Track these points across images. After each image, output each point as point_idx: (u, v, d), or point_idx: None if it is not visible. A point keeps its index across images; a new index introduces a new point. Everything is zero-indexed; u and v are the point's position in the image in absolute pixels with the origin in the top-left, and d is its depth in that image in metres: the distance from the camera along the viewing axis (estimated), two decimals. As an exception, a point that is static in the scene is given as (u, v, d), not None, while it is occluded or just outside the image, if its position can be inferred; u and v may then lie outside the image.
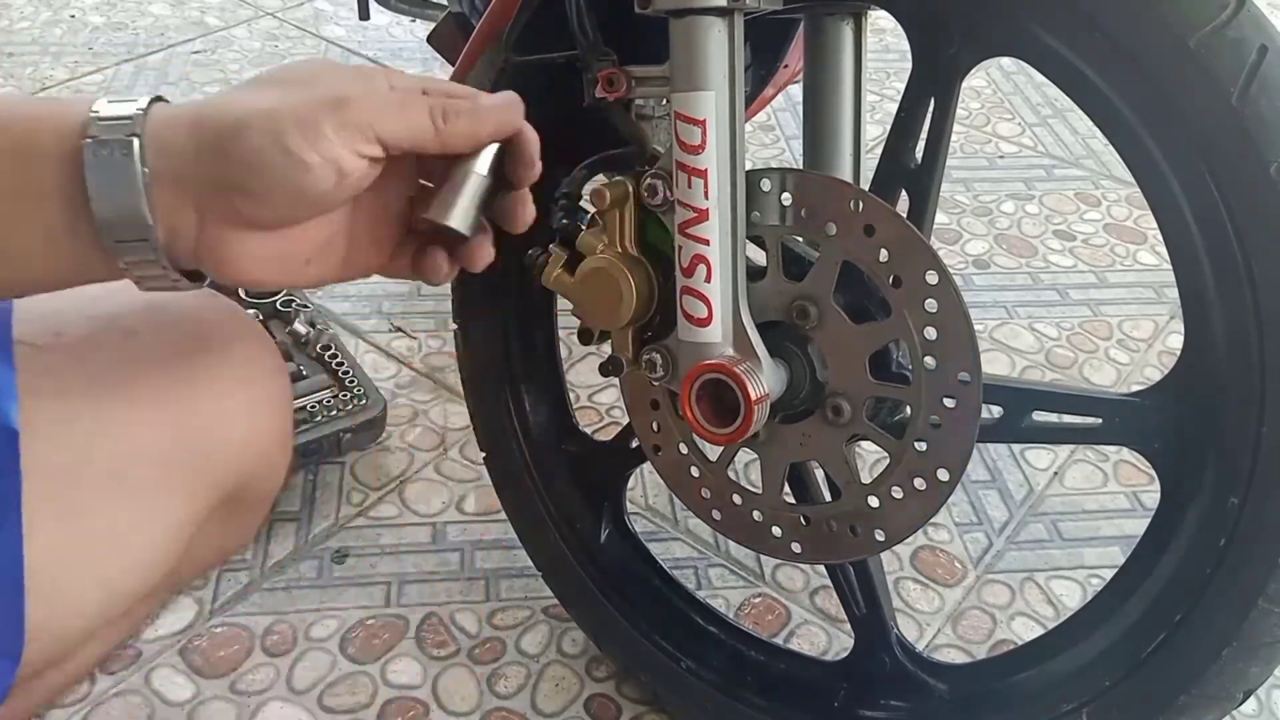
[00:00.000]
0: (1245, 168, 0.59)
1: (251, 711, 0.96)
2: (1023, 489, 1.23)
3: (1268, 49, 0.58)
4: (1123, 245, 1.66)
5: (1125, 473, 1.26)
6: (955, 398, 0.68)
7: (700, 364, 0.70)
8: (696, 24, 0.65)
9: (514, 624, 1.05)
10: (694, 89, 0.66)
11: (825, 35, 0.78)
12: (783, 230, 0.71)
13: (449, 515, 1.17)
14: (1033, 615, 1.09)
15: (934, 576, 1.13)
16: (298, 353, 1.33)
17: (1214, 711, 0.70)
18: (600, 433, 1.25)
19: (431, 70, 2.06)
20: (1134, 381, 1.39)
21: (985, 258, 1.62)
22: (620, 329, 0.74)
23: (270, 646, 1.01)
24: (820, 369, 0.73)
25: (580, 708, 0.98)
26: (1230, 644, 0.66)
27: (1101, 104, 0.64)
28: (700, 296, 0.69)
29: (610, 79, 0.72)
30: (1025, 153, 1.88)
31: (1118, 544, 1.17)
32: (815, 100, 0.80)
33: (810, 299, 0.71)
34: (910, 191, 0.72)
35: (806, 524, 0.77)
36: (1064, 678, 0.75)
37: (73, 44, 2.12)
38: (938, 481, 0.71)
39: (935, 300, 0.67)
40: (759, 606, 1.09)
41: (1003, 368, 1.40)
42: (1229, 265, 0.62)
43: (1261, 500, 0.64)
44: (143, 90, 1.95)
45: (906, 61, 0.69)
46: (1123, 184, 1.79)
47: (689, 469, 0.81)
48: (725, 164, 0.67)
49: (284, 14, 2.27)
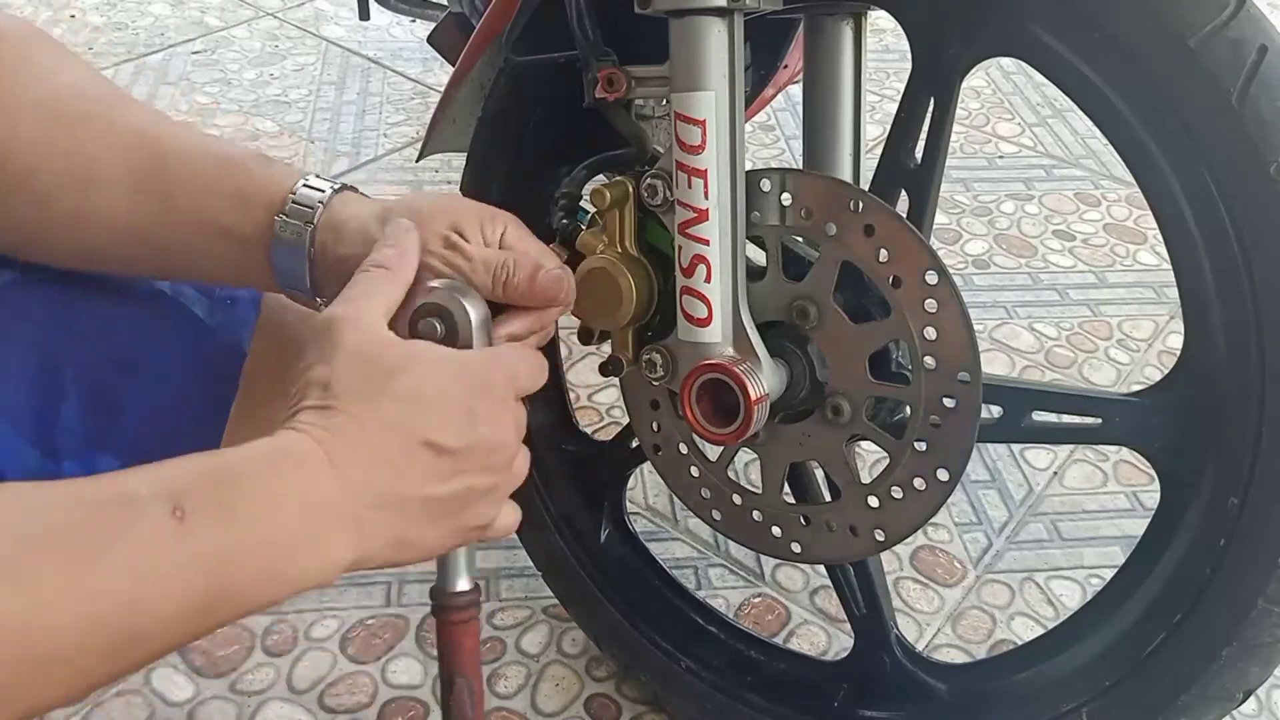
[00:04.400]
0: (1245, 168, 0.59)
1: (251, 711, 0.96)
2: (1022, 489, 1.23)
3: (1268, 49, 0.58)
4: (1123, 245, 1.66)
5: (1125, 473, 1.26)
6: (955, 398, 0.68)
7: (700, 364, 0.70)
8: (696, 24, 0.65)
9: (514, 624, 1.05)
10: (694, 89, 0.66)
11: (825, 35, 0.78)
12: (783, 230, 0.71)
13: (449, 515, 1.16)
14: (1032, 615, 1.09)
15: (934, 576, 1.13)
16: (298, 353, 1.33)
17: (1214, 711, 0.70)
18: (600, 433, 1.25)
19: (431, 70, 2.06)
20: (1134, 381, 1.39)
21: (985, 258, 1.62)
22: (620, 329, 0.74)
23: (270, 646, 1.01)
24: (820, 369, 0.73)
25: (580, 708, 0.98)
26: (1230, 644, 0.66)
27: (1101, 104, 0.64)
28: (700, 296, 0.69)
29: (610, 79, 0.71)
30: (1025, 153, 1.88)
31: (1118, 544, 1.17)
32: (815, 100, 0.80)
33: (810, 299, 0.71)
34: (910, 191, 0.72)
35: (806, 524, 0.77)
36: (1064, 678, 0.75)
37: (73, 44, 2.11)
38: (938, 481, 0.71)
39: (935, 300, 0.67)
40: (759, 606, 1.09)
41: (1003, 368, 1.40)
42: (1229, 265, 0.62)
43: (1261, 500, 0.64)
44: (143, 90, 1.95)
45: (906, 61, 0.69)
46: (1123, 184, 1.79)
47: (689, 469, 0.81)
48: (725, 164, 0.67)
49: (284, 14, 2.27)
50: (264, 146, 1.81)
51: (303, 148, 1.81)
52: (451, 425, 0.56)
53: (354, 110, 1.93)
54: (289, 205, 0.65)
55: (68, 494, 0.47)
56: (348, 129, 1.87)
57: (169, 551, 0.47)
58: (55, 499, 0.47)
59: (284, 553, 0.51)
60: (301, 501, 0.51)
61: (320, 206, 0.65)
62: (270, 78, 2.03)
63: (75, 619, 0.44)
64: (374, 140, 1.85)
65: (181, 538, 0.47)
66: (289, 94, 1.98)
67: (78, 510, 0.46)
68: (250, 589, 0.50)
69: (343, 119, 1.90)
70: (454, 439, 0.56)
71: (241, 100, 1.95)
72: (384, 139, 1.85)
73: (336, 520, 0.52)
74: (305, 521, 0.51)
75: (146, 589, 0.46)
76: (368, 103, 1.96)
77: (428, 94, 2.00)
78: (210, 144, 0.67)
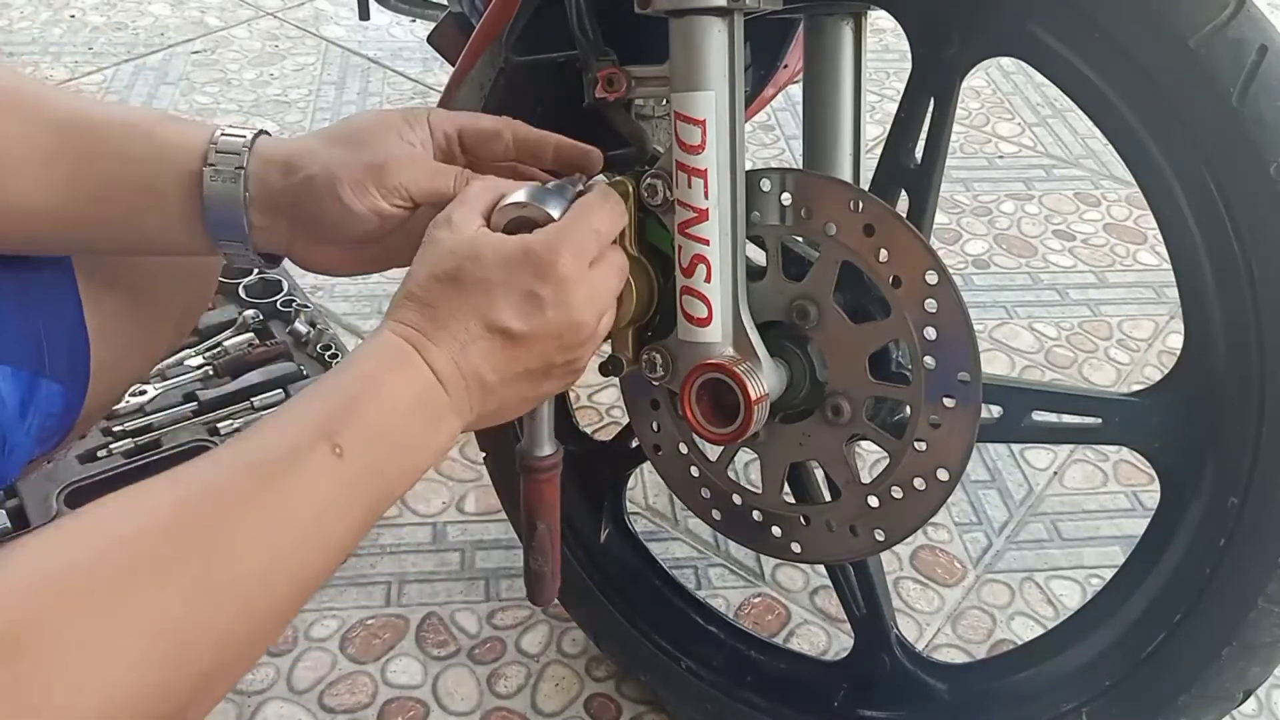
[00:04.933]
0: (1245, 168, 0.59)
1: (251, 711, 0.96)
2: (1022, 489, 1.24)
3: (1268, 49, 0.58)
4: (1123, 245, 1.66)
5: (1125, 473, 1.26)
6: (955, 397, 0.68)
7: (700, 364, 0.70)
8: (696, 24, 0.65)
9: (514, 624, 1.05)
10: (694, 89, 0.66)
11: (825, 35, 0.78)
12: (783, 230, 0.71)
13: (449, 515, 1.17)
14: (1032, 615, 1.09)
15: (934, 576, 1.13)
16: (298, 352, 1.33)
17: (1214, 711, 0.70)
18: (600, 433, 1.25)
19: (431, 70, 2.06)
20: (1134, 381, 1.39)
21: (985, 258, 1.62)
22: (620, 329, 0.74)
23: (270, 646, 1.01)
24: (820, 369, 0.73)
25: (580, 707, 0.98)
26: (1230, 644, 0.66)
27: (1101, 104, 0.64)
28: (700, 296, 0.69)
29: (610, 79, 0.71)
30: (1025, 153, 1.88)
31: (1117, 544, 1.17)
32: (815, 100, 0.80)
33: (810, 299, 0.71)
34: (910, 191, 0.72)
35: (806, 524, 0.77)
36: (1064, 678, 0.75)
37: (73, 44, 2.12)
38: (938, 481, 0.71)
39: (935, 300, 0.67)
40: (759, 606, 1.09)
41: (1003, 367, 1.40)
42: (1229, 265, 0.62)
43: (1261, 500, 0.64)
44: (143, 90, 1.95)
45: (906, 61, 0.69)
46: (1123, 184, 1.79)
47: (689, 469, 0.81)
48: (725, 164, 0.67)
49: (284, 14, 2.27)
50: (264, 146, 1.81)
51: (303, 148, 1.81)
52: (517, 311, 0.60)
53: (354, 110, 1.93)
54: (213, 154, 0.66)
55: (244, 459, 0.53)
56: (348, 129, 1.87)
57: (338, 487, 0.54)
58: (236, 468, 0.52)
59: (414, 445, 0.58)
60: (413, 399, 0.58)
61: (246, 151, 0.67)
62: (270, 78, 2.03)
63: (290, 569, 0.51)
64: (374, 140, 1.84)
65: (343, 470, 0.54)
66: (289, 94, 1.98)
67: (257, 474, 0.52)
68: (396, 488, 0.58)
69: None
70: (520, 324, 0.60)
71: (241, 100, 1.95)
72: (384, 139, 1.85)
73: (442, 403, 0.59)
74: (420, 414, 0.58)
75: (327, 525, 0.53)
76: (368, 103, 1.96)
77: (428, 94, 2.00)
78: (115, 111, 0.69)
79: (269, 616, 0.51)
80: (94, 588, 0.45)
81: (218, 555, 0.49)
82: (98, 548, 0.46)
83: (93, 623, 0.44)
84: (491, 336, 0.60)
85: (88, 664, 0.43)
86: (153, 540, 0.48)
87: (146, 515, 0.49)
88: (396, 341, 0.59)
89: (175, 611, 0.46)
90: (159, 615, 0.46)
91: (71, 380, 0.73)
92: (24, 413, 0.68)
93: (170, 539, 0.48)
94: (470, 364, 0.60)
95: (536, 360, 0.62)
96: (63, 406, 0.72)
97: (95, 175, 0.66)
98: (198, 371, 1.28)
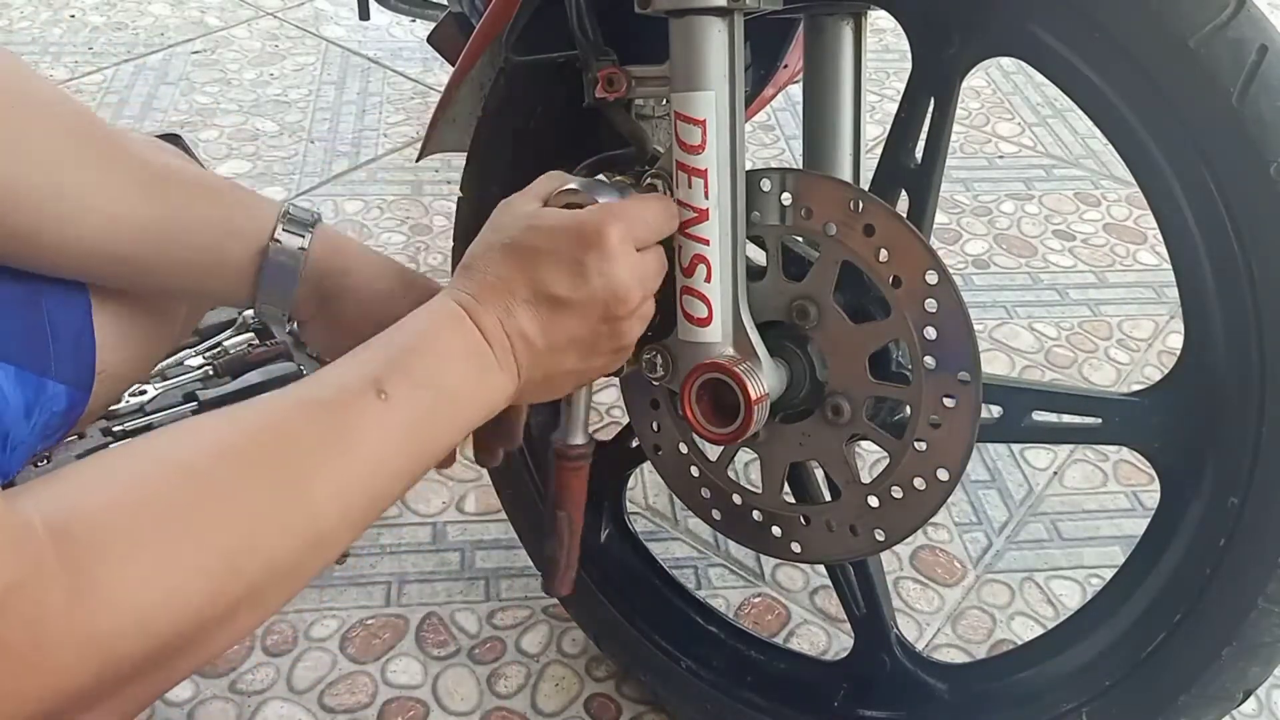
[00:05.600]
0: (1245, 168, 0.59)
1: (251, 711, 0.96)
2: (1022, 489, 1.24)
3: (1268, 49, 0.58)
4: (1123, 245, 1.66)
5: (1125, 473, 1.26)
6: (955, 397, 0.68)
7: (700, 364, 0.70)
8: (696, 24, 0.65)
9: (514, 624, 1.05)
10: (694, 89, 0.66)
11: (825, 35, 0.78)
12: (783, 230, 0.71)
13: (449, 515, 1.17)
14: (1032, 615, 1.09)
15: (934, 576, 1.13)
16: (298, 352, 1.33)
17: (1214, 711, 0.70)
18: (600, 433, 1.25)
19: (431, 70, 2.06)
20: (1134, 381, 1.39)
21: (985, 258, 1.62)
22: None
23: (270, 646, 1.01)
24: (820, 369, 0.73)
25: (580, 707, 0.98)
26: (1230, 644, 0.66)
27: (1101, 104, 0.64)
28: (700, 296, 0.69)
29: (610, 79, 0.71)
30: (1025, 153, 1.88)
31: (1117, 544, 1.17)
32: (815, 100, 0.80)
33: (810, 299, 0.71)
34: (910, 191, 0.72)
35: (806, 524, 0.77)
36: (1064, 678, 0.75)
37: (73, 44, 2.12)
38: (938, 481, 0.71)
39: (935, 300, 0.67)
40: (759, 606, 1.09)
41: (1003, 367, 1.40)
42: (1229, 265, 0.62)
43: (1261, 500, 0.64)
44: (143, 90, 1.95)
45: (906, 61, 0.69)
46: (1123, 184, 1.79)
47: (689, 469, 0.81)
48: (725, 164, 0.67)
49: (284, 14, 2.27)
50: (264, 146, 1.81)
51: (302, 148, 1.81)
52: (563, 278, 0.63)
53: (354, 110, 1.94)
54: (273, 248, 0.72)
55: (294, 398, 0.56)
56: (347, 129, 1.88)
57: (384, 430, 0.57)
58: (287, 405, 0.56)
59: (459, 397, 0.61)
60: (460, 351, 0.61)
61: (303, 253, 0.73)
62: (270, 77, 2.03)
63: (338, 503, 0.54)
64: (374, 140, 1.85)
65: (389, 413, 0.57)
66: (289, 94, 1.98)
67: (307, 411, 0.56)
68: (443, 437, 0.61)
69: (342, 119, 1.91)
70: (567, 290, 0.63)
71: (241, 100, 1.95)
72: (384, 139, 1.85)
73: (488, 359, 0.62)
74: (465, 366, 0.61)
75: (375, 465, 0.56)
76: (368, 102, 1.96)
77: (428, 94, 2.00)
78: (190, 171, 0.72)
79: (317, 545, 0.54)
80: (151, 497, 0.48)
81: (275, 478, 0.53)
82: (159, 461, 0.50)
83: (151, 527, 0.47)
84: (539, 301, 0.63)
85: (143, 562, 0.46)
86: (208, 460, 0.51)
87: (206, 438, 0.53)
88: (449, 304, 0.63)
89: (228, 525, 0.50)
90: (212, 527, 0.49)
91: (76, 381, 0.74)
92: (29, 413, 0.69)
93: (225, 459, 0.52)
94: (516, 325, 0.63)
95: (583, 328, 0.64)
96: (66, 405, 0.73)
97: (171, 232, 0.70)
98: (198, 371, 1.28)
